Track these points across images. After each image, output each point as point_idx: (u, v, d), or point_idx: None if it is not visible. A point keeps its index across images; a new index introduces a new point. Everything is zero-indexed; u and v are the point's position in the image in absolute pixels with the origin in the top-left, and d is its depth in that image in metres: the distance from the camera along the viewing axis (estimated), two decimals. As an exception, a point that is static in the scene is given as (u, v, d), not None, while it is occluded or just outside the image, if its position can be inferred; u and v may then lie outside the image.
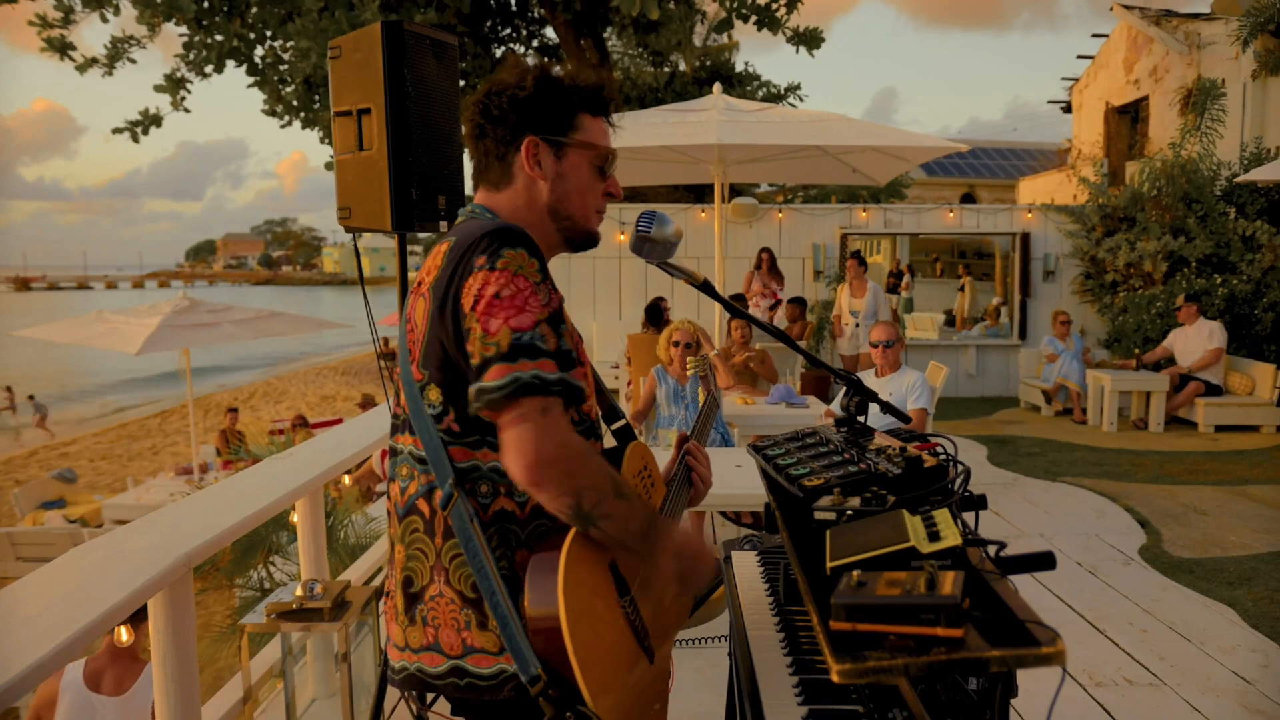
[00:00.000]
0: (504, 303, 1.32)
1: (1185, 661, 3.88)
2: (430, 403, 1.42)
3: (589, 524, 1.34)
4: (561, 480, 1.30)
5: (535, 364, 1.30)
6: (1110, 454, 7.97)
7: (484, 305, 1.33)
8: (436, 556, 1.43)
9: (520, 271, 1.36)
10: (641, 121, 7.18)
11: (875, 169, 8.19)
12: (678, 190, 13.08)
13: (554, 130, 1.52)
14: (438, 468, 1.41)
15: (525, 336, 1.31)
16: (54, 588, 2.10)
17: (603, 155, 1.56)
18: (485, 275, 1.34)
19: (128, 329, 8.63)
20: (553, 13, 11.91)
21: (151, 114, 11.48)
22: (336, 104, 2.91)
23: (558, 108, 1.52)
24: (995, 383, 11.41)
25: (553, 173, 1.53)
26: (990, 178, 26.01)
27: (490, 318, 1.32)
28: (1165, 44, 14.11)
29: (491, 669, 1.40)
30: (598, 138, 1.57)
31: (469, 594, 1.40)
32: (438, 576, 1.43)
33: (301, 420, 12.10)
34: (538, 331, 1.32)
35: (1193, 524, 5.85)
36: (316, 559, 3.38)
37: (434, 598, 1.43)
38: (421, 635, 1.44)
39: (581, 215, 1.57)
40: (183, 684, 2.29)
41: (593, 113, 1.56)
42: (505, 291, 1.33)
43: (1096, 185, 11.45)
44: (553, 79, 1.53)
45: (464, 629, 1.41)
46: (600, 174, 1.57)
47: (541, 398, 1.30)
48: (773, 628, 1.73)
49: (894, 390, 5.19)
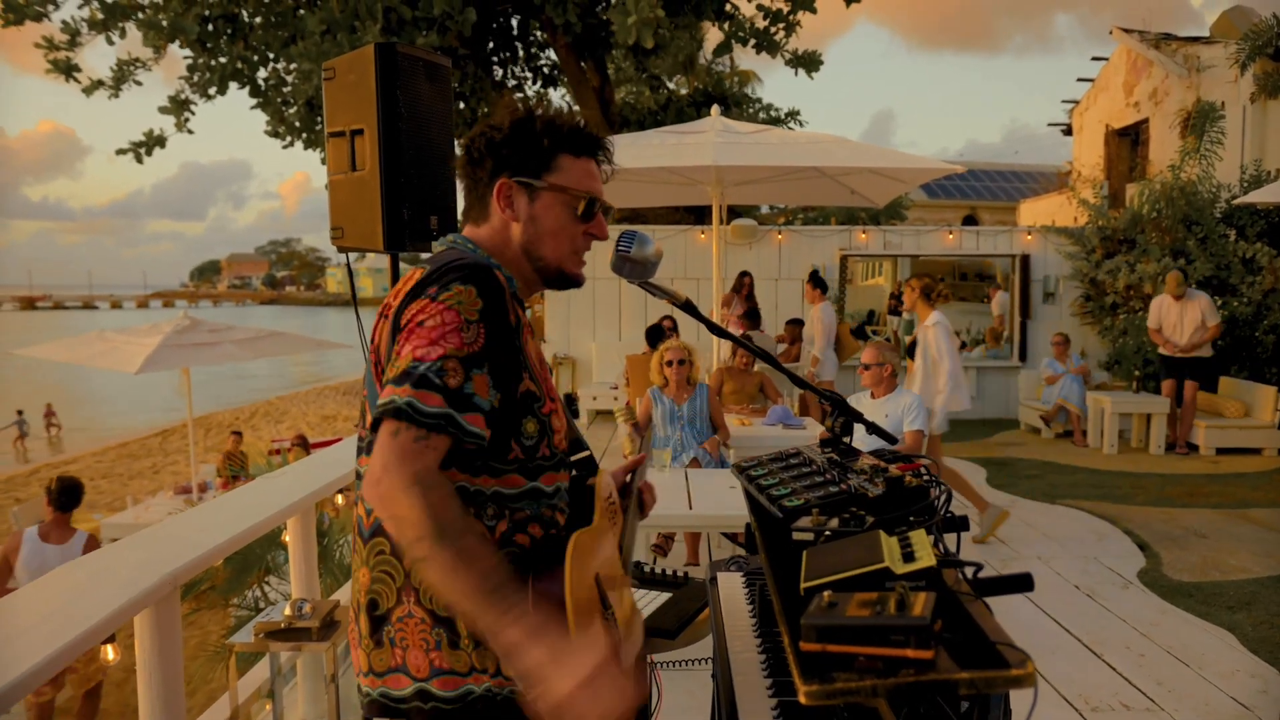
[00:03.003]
0: (424, 331, 1.34)
1: (1183, 686, 3.85)
2: None
3: (413, 563, 1.34)
4: (380, 505, 1.28)
5: (416, 393, 1.30)
6: (1110, 476, 7.94)
7: (407, 331, 1.36)
8: (405, 577, 1.42)
9: (456, 306, 1.35)
10: (640, 143, 7.22)
11: (873, 190, 8.22)
12: (677, 211, 13.12)
13: (527, 172, 1.52)
14: None
15: (421, 367, 1.31)
16: (40, 605, 2.10)
17: (578, 197, 1.54)
18: (426, 304, 1.36)
19: (127, 348, 8.64)
20: (554, 36, 12.01)
21: (155, 135, 11.56)
22: (330, 125, 2.93)
23: (532, 150, 1.52)
24: (995, 405, 11.39)
25: (525, 214, 1.53)
26: (991, 199, 26.08)
27: (406, 342, 1.35)
28: (1165, 67, 14.19)
29: (457, 691, 1.40)
30: (578, 180, 1.54)
31: (441, 612, 1.40)
32: (406, 597, 1.42)
33: (302, 440, 12.11)
34: (437, 365, 1.31)
35: (1192, 547, 5.82)
36: (308, 578, 3.37)
37: (402, 619, 1.42)
38: (389, 657, 1.43)
39: (555, 258, 1.56)
40: (168, 702, 2.28)
41: (574, 153, 1.55)
42: (430, 321, 1.34)
43: (1096, 207, 11.47)
44: (527, 121, 1.53)
45: (433, 649, 1.40)
46: (582, 215, 1.55)
47: (404, 424, 1.29)
48: (755, 649, 1.72)
49: (890, 412, 5.19)
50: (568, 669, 1.21)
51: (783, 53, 11.63)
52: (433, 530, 1.24)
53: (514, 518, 1.44)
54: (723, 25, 11.61)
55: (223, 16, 10.95)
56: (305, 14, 10.51)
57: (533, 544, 1.46)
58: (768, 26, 11.51)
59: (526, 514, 1.46)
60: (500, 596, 1.24)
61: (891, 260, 12.62)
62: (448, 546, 1.24)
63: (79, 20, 10.86)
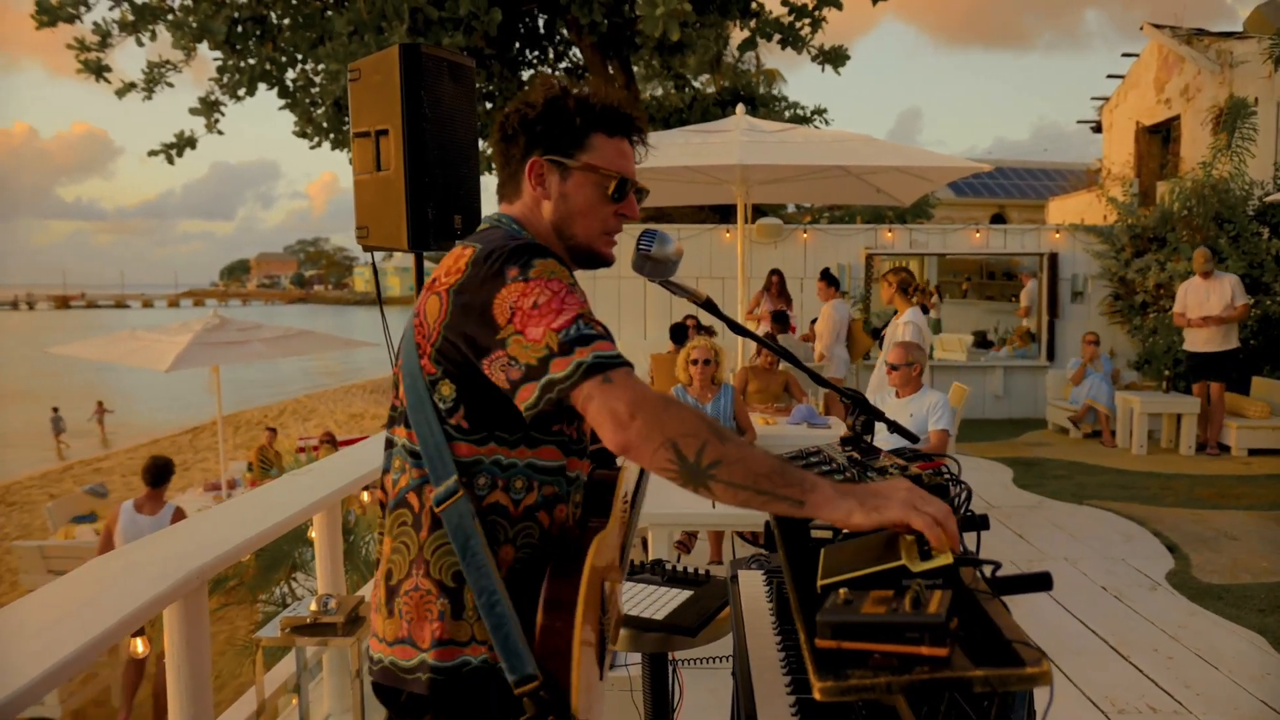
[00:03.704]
0: (541, 310, 1.35)
1: (1211, 689, 3.80)
2: (441, 397, 1.43)
3: (703, 478, 1.27)
4: (649, 434, 1.28)
5: (590, 348, 1.32)
6: (1139, 477, 7.85)
7: (521, 317, 1.35)
8: (419, 549, 1.45)
9: (554, 276, 1.39)
10: (664, 142, 7.22)
11: (899, 189, 8.17)
12: (703, 210, 13.11)
13: (560, 150, 1.53)
14: (436, 463, 1.43)
15: (571, 331, 1.33)
16: (71, 598, 2.14)
17: (610, 178, 1.54)
18: (521, 287, 1.36)
19: (158, 346, 8.76)
20: (579, 35, 12.03)
21: (186, 136, 11.70)
22: (356, 125, 2.96)
23: (565, 128, 1.52)
24: (1022, 404, 11.28)
25: (556, 193, 1.54)
26: (1020, 198, 25.83)
27: (531, 326, 1.34)
28: (1197, 63, 13.99)
29: (454, 661, 1.42)
30: (610, 159, 1.54)
31: (449, 583, 1.43)
32: (416, 570, 1.45)
33: (330, 437, 12.21)
34: (581, 323, 1.35)
35: (1223, 549, 5.75)
36: (333, 574, 3.40)
37: (409, 591, 1.45)
38: (397, 628, 1.46)
39: (585, 237, 1.57)
40: (196, 694, 2.32)
41: (608, 133, 1.55)
42: (541, 299, 1.35)
43: (1125, 205, 11.34)
44: (561, 99, 1.53)
45: (435, 619, 1.43)
46: (614, 195, 1.55)
47: (607, 370, 1.31)
48: (774, 646, 1.72)
49: (915, 411, 5.15)
50: (889, 486, 1.27)
51: (808, 48, 11.59)
52: (710, 430, 1.29)
53: (542, 491, 1.47)
54: (748, 22, 11.57)
55: (251, 18, 11.08)
56: (333, 15, 10.61)
57: (548, 528, 1.48)
58: (793, 22, 11.47)
59: (554, 490, 1.49)
60: (792, 469, 1.29)
61: (918, 259, 12.56)
62: (729, 440, 1.29)
63: (109, 22, 11.02)
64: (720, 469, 1.27)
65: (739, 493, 1.27)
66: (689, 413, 1.31)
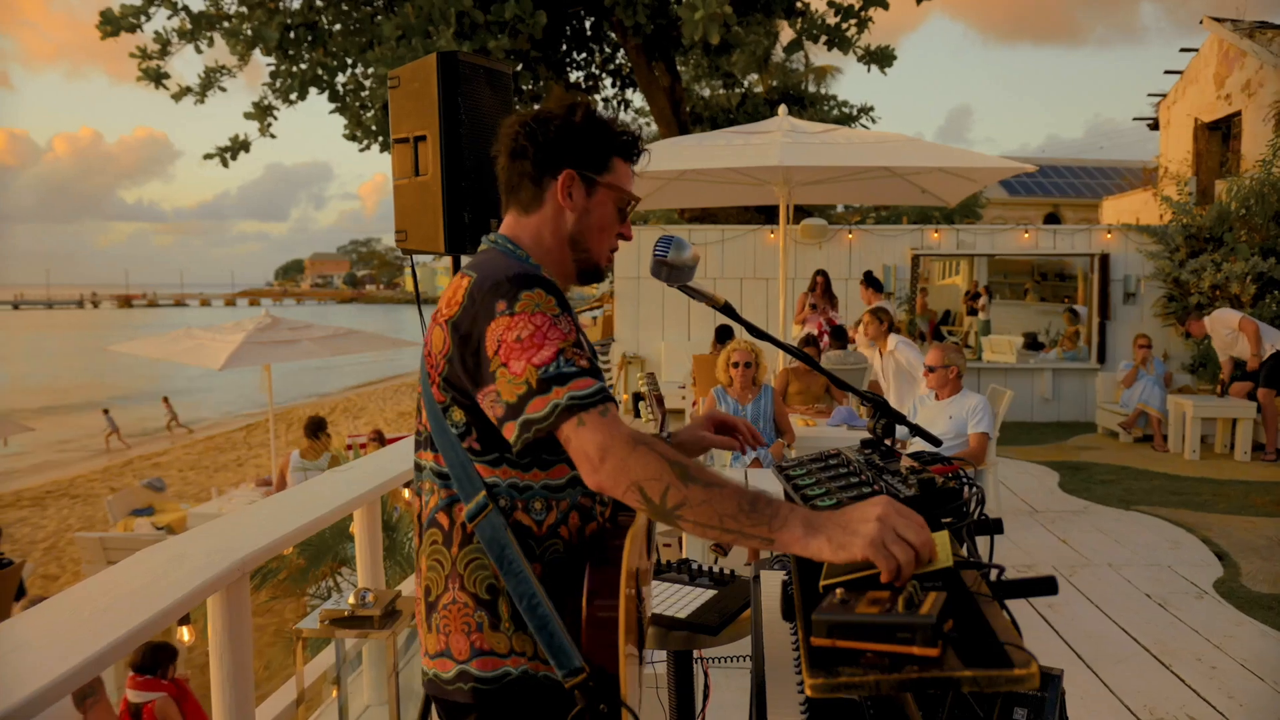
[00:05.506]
0: (524, 344, 1.39)
1: (1256, 701, 3.73)
2: (454, 422, 1.49)
3: (671, 518, 1.32)
4: (618, 477, 1.32)
5: (567, 388, 1.36)
6: (1190, 483, 7.69)
7: (505, 350, 1.40)
8: (452, 565, 1.51)
9: (538, 309, 1.42)
10: (707, 143, 7.25)
11: (944, 189, 8.10)
12: (748, 211, 13.09)
13: (591, 167, 1.60)
14: (464, 482, 1.49)
15: (550, 369, 1.37)
16: (120, 586, 2.24)
17: (626, 199, 1.64)
18: (507, 321, 1.41)
19: (213, 345, 9.01)
20: (624, 37, 12.09)
21: (240, 140, 12.00)
22: (395, 131, 3.04)
23: (598, 147, 1.61)
24: (1072, 407, 11.10)
25: (581, 207, 1.60)
26: (1074, 196, 25.35)
27: (514, 360, 1.39)
28: (1259, 57, 13.62)
29: (495, 671, 1.48)
30: (624, 181, 1.65)
31: (484, 596, 1.48)
32: (452, 585, 1.50)
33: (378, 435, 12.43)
34: (562, 359, 1.38)
35: (1275, 557, 5.61)
36: (373, 568, 3.49)
37: (447, 605, 1.51)
38: (437, 642, 1.52)
39: (597, 251, 1.65)
40: (238, 681, 2.41)
41: (625, 158, 1.65)
42: (525, 333, 1.39)
43: (1179, 204, 11.08)
44: (600, 119, 1.62)
45: (474, 631, 1.49)
46: (620, 215, 1.65)
47: (581, 413, 1.36)
48: (790, 645, 1.75)
49: (954, 413, 5.13)
50: (860, 514, 1.24)
51: (855, 49, 11.52)
52: (676, 473, 1.31)
53: (559, 507, 1.52)
54: (794, 23, 11.53)
55: (303, 25, 11.32)
56: (382, 20, 10.80)
57: (573, 536, 1.53)
58: (839, 22, 11.41)
59: (568, 502, 1.53)
60: (762, 504, 1.29)
61: (967, 259, 12.40)
62: (694, 481, 1.31)
63: (169, 31, 11.34)
64: (685, 510, 1.30)
65: (707, 530, 1.31)
66: (653, 456, 1.32)
